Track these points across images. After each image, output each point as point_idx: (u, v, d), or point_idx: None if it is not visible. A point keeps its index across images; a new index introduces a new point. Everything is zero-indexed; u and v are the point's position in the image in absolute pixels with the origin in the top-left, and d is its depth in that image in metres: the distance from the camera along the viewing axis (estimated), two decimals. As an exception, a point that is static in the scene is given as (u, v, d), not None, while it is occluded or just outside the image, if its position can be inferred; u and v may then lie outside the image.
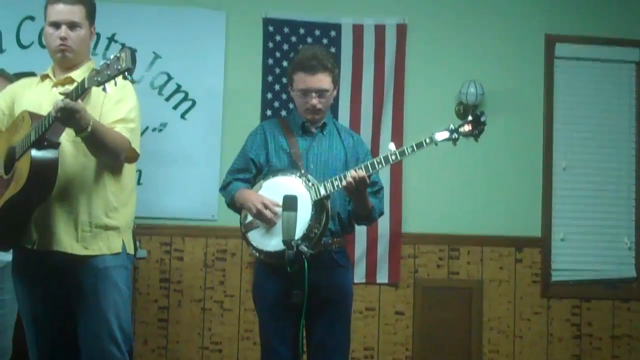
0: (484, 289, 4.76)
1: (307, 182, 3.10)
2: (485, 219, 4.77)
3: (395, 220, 4.67)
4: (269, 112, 4.63)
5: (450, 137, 3.06)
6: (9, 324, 3.56)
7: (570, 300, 4.84)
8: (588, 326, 4.84)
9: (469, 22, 4.85)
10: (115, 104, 2.86)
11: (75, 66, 2.93)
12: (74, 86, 2.57)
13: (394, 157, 3.05)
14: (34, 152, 2.64)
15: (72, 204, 2.82)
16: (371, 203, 3.22)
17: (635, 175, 4.93)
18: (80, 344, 2.87)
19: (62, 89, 2.70)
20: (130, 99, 2.91)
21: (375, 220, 3.43)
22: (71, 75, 2.90)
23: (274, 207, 3.06)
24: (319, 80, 3.20)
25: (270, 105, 4.65)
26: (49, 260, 2.82)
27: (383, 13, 4.77)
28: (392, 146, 3.08)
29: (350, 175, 3.01)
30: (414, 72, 4.77)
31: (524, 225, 4.81)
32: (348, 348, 3.33)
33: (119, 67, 2.41)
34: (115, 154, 2.80)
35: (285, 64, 4.56)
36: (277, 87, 4.66)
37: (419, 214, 4.73)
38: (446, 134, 3.06)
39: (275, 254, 3.05)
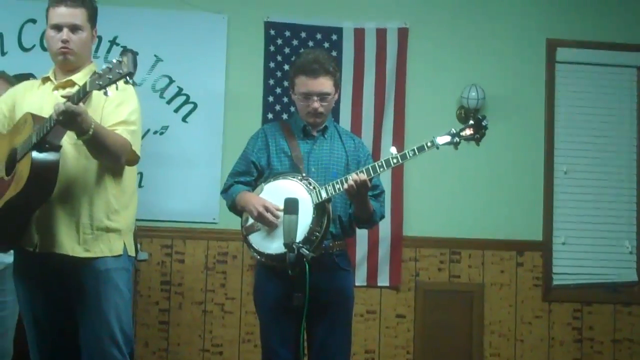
0: (485, 292, 4.76)
1: (309, 185, 3.10)
2: (486, 222, 4.77)
3: (397, 224, 4.67)
4: (270, 115, 4.63)
5: (451, 141, 3.07)
6: (10, 325, 3.55)
7: (572, 304, 4.83)
8: (589, 330, 4.83)
9: (470, 26, 4.85)
10: (116, 107, 2.85)
11: (76, 69, 2.93)
12: (76, 89, 2.57)
13: (395, 161, 3.05)
14: (34, 154, 2.64)
15: (74, 206, 2.82)
16: (372, 206, 3.22)
17: (636, 180, 4.93)
18: (81, 346, 2.87)
19: (64, 92, 2.70)
20: (132, 102, 2.91)
21: (376, 223, 3.43)
22: (72, 78, 2.91)
23: (275, 210, 3.06)
24: (321, 83, 3.20)
25: (272, 109, 4.65)
26: (50, 263, 2.81)
27: (384, 17, 4.78)
28: (394, 150, 3.08)
29: (351, 178, 3.01)
30: (415, 76, 4.78)
31: (525, 229, 4.81)
32: (349, 351, 3.32)
33: (121, 71, 2.41)
34: (116, 157, 2.80)
35: (286, 67, 4.55)
36: (279, 91, 4.66)
37: (420, 217, 4.73)
38: (447, 138, 3.07)
39: (276, 257, 3.05)
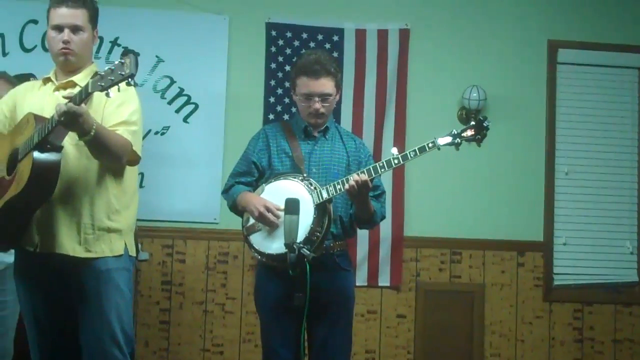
0: (486, 292, 4.76)
1: (310, 186, 3.10)
2: (487, 223, 4.77)
3: (398, 224, 4.67)
4: (271, 116, 4.63)
5: (452, 142, 3.07)
6: (10, 325, 3.56)
7: (572, 304, 4.83)
8: (590, 330, 4.83)
9: (471, 27, 4.85)
10: (117, 107, 2.86)
11: (77, 70, 2.94)
12: (78, 90, 2.58)
13: (396, 162, 3.06)
14: (35, 154, 2.64)
15: (75, 206, 2.82)
16: (373, 207, 3.22)
17: (637, 180, 4.92)
18: (81, 346, 2.87)
19: (65, 93, 2.71)
20: (132, 102, 2.92)
21: (376, 224, 3.43)
22: (73, 78, 2.91)
23: (276, 210, 3.06)
24: (322, 84, 3.20)
25: (273, 109, 4.66)
26: (51, 263, 2.82)
27: (386, 18, 4.77)
28: (395, 150, 3.08)
29: (352, 178, 3.02)
30: (416, 77, 4.77)
31: (526, 229, 4.81)
32: (349, 351, 3.32)
33: (123, 73, 2.42)
34: (117, 157, 2.81)
35: (287, 68, 4.55)
36: (280, 91, 4.66)
37: (421, 218, 4.73)
38: (449, 139, 3.07)
39: (277, 257, 3.05)
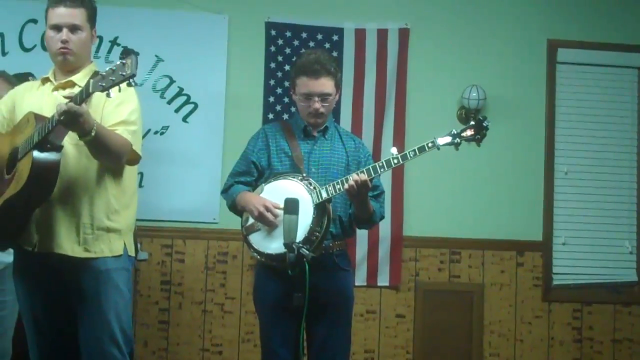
0: (485, 292, 4.76)
1: (309, 186, 3.10)
2: (486, 222, 4.77)
3: (397, 224, 4.66)
4: (270, 116, 4.63)
5: (452, 142, 3.07)
6: (9, 325, 3.56)
7: (571, 304, 4.83)
8: (589, 330, 4.84)
9: (471, 27, 4.85)
10: (117, 107, 2.85)
11: (76, 69, 2.94)
12: (79, 90, 2.57)
13: (395, 161, 3.06)
14: (35, 154, 2.64)
15: (74, 206, 2.82)
16: (372, 207, 3.22)
17: (636, 180, 4.93)
18: (80, 346, 2.87)
19: (66, 93, 2.70)
20: (132, 102, 2.91)
21: (376, 224, 3.44)
22: (72, 78, 2.91)
23: (276, 210, 3.06)
24: (322, 84, 3.20)
25: (272, 109, 4.65)
26: (50, 262, 2.82)
27: (385, 17, 4.77)
28: (394, 150, 3.08)
29: (352, 178, 3.02)
30: (416, 77, 4.77)
31: (525, 229, 4.81)
32: (349, 351, 3.32)
33: (124, 74, 2.42)
34: (117, 157, 2.81)
35: (287, 67, 4.55)
36: (279, 91, 4.66)
37: (421, 218, 4.73)
38: (448, 139, 3.07)
39: (276, 257, 3.05)
